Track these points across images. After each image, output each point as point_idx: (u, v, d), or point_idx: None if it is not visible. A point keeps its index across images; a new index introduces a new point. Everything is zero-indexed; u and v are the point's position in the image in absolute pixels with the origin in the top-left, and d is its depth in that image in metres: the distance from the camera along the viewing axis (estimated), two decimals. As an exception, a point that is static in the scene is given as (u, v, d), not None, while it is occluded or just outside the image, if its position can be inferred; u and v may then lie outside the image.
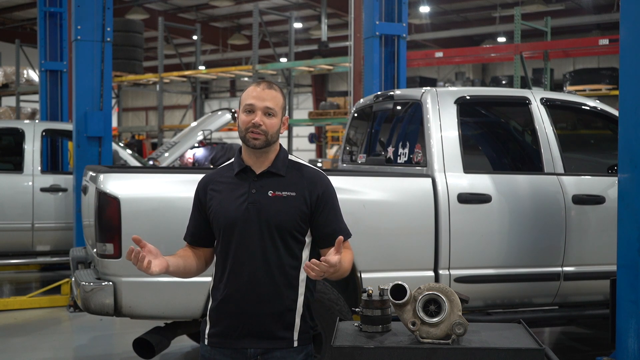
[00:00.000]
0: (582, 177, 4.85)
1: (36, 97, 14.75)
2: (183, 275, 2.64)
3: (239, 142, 2.65)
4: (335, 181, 2.79)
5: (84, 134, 7.02)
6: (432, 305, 2.45)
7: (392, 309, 2.54)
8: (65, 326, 6.65)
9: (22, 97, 18.06)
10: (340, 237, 2.36)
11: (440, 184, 4.44)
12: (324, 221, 2.57)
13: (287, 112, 2.68)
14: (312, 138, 24.64)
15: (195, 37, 20.30)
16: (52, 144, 9.27)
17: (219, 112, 12.73)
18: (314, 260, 2.34)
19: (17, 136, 7.97)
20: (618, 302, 3.78)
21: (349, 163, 5.81)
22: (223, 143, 16.69)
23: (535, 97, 4.93)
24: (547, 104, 4.92)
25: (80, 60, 7.05)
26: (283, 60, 19.65)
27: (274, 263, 2.52)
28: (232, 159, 2.69)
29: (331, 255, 2.33)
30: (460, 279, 4.44)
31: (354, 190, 4.28)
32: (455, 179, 4.49)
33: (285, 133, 15.76)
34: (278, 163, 2.60)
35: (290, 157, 2.67)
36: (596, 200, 4.74)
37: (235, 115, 11.82)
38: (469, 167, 4.59)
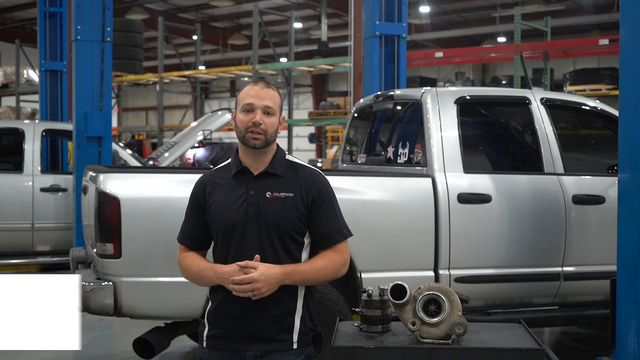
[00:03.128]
0: (582, 177, 4.85)
1: (36, 97, 14.75)
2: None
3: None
4: (335, 181, 2.79)
5: (84, 134, 7.02)
6: (432, 305, 2.45)
7: (392, 309, 2.54)
8: (65, 326, 6.64)
9: (22, 97, 18.06)
10: (245, 262, 2.44)
11: (440, 184, 4.44)
12: (319, 221, 2.55)
13: (283, 111, 2.67)
14: (312, 138, 24.64)
15: (195, 37, 20.30)
16: (52, 144, 9.27)
17: (219, 112, 12.72)
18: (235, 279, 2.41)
19: (17, 136, 7.97)
20: (618, 302, 3.77)
21: (349, 163, 5.81)
22: (223, 143, 16.69)
23: (535, 97, 4.93)
24: (547, 104, 4.92)
25: (80, 60, 7.06)
26: (283, 60, 19.64)
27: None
28: (229, 160, 2.68)
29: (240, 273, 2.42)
30: (460, 279, 4.43)
31: (354, 190, 4.28)
32: (455, 179, 4.49)
33: (285, 133, 15.75)
34: (275, 164, 2.58)
35: (287, 157, 2.65)
36: (596, 200, 4.74)
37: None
38: (469, 167, 4.58)
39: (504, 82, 17.74)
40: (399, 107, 5.24)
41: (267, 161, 2.58)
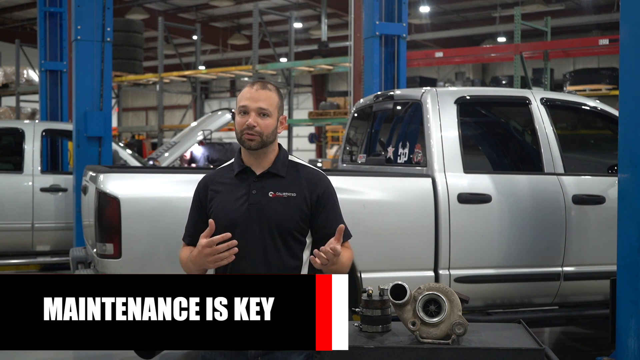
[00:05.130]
0: (582, 177, 4.85)
1: (36, 97, 14.75)
2: None
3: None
4: (335, 181, 2.79)
5: (84, 134, 7.02)
6: (432, 305, 2.45)
7: (392, 309, 2.54)
8: (65, 326, 6.62)
9: (22, 97, 18.05)
10: (342, 226, 2.39)
11: (440, 184, 4.44)
12: (324, 221, 2.56)
13: (284, 111, 2.67)
14: (312, 138, 24.64)
15: (195, 37, 20.29)
16: (52, 144, 9.27)
17: (219, 112, 12.71)
18: (322, 248, 2.35)
19: (17, 136, 7.96)
20: (618, 302, 3.77)
21: (349, 163, 5.81)
22: (223, 143, 16.68)
23: (535, 97, 4.93)
24: (547, 104, 4.92)
25: (80, 60, 7.05)
26: (283, 60, 19.64)
27: (275, 264, 2.51)
28: (232, 160, 2.69)
29: (334, 244, 2.36)
30: (460, 279, 4.44)
31: (354, 190, 4.28)
32: (455, 179, 4.49)
33: (285, 133, 15.74)
34: (278, 164, 2.59)
35: (290, 157, 2.66)
36: (596, 200, 4.74)
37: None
38: (469, 167, 4.59)
39: (504, 82, 17.73)
40: (399, 107, 5.24)
41: (269, 161, 2.59)
